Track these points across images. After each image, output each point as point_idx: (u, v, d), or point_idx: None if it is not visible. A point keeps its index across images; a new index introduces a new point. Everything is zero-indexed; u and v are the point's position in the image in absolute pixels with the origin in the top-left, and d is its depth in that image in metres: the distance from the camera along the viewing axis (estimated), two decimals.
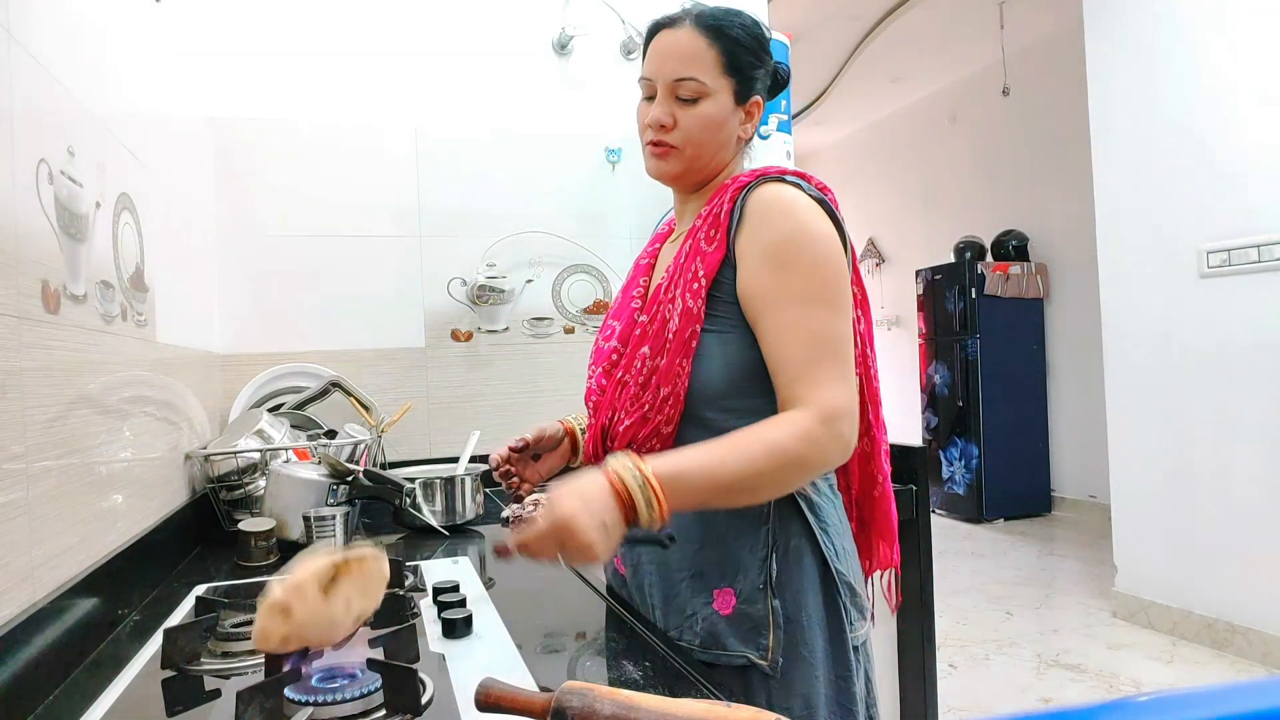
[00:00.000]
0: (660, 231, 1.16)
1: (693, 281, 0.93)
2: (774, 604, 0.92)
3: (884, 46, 5.36)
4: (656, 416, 0.93)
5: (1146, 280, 3.19)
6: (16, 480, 0.79)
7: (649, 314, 0.98)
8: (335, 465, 1.43)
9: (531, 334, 2.19)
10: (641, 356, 0.96)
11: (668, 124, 0.97)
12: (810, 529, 0.95)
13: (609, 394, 1.00)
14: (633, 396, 0.96)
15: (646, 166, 1.04)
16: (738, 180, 0.97)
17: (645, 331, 0.97)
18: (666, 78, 0.97)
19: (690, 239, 0.98)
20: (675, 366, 0.92)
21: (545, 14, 2.20)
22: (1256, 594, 2.86)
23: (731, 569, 0.93)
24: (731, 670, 0.91)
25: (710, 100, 0.97)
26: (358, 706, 0.66)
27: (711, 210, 0.97)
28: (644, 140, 1.01)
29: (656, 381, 0.93)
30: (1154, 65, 3.13)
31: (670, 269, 0.99)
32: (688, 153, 0.99)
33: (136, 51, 1.34)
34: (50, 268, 0.90)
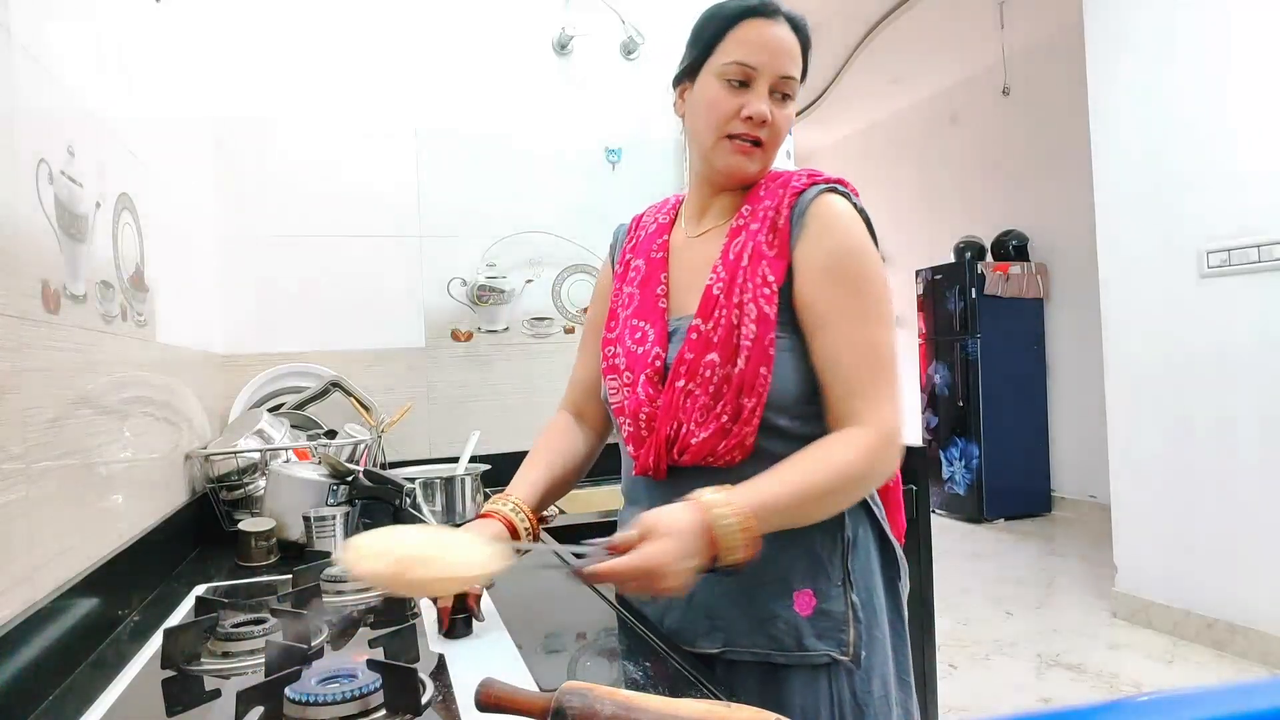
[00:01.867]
0: (662, 221, 1.09)
1: (763, 286, 0.91)
2: (853, 598, 0.93)
3: (884, 46, 5.36)
4: (743, 429, 0.90)
5: (1147, 280, 3.19)
6: (16, 480, 0.79)
7: (706, 318, 0.93)
8: (335, 465, 1.43)
9: (531, 334, 2.19)
10: (710, 364, 0.91)
11: (770, 119, 0.93)
12: (873, 513, 0.98)
13: (670, 405, 0.93)
14: (704, 407, 0.91)
15: (725, 162, 0.97)
16: (789, 184, 0.95)
17: (707, 337, 0.92)
18: (775, 72, 0.93)
19: (743, 240, 0.94)
20: (758, 375, 0.89)
21: (545, 14, 2.21)
22: (1257, 594, 2.86)
23: (812, 570, 0.93)
24: (810, 669, 0.91)
25: (793, 102, 0.97)
26: (358, 706, 0.66)
27: (766, 215, 0.94)
28: (722, 131, 0.95)
29: (734, 391, 0.90)
30: (1154, 65, 3.13)
31: (721, 270, 0.94)
32: (770, 153, 0.97)
33: (137, 51, 1.34)
34: (50, 268, 0.90)
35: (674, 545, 0.77)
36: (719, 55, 0.94)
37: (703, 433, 0.91)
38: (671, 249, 1.05)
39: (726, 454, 0.91)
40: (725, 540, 0.78)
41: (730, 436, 0.90)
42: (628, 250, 1.10)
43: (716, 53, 0.94)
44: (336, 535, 1.31)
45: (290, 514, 1.36)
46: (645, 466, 0.96)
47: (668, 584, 0.76)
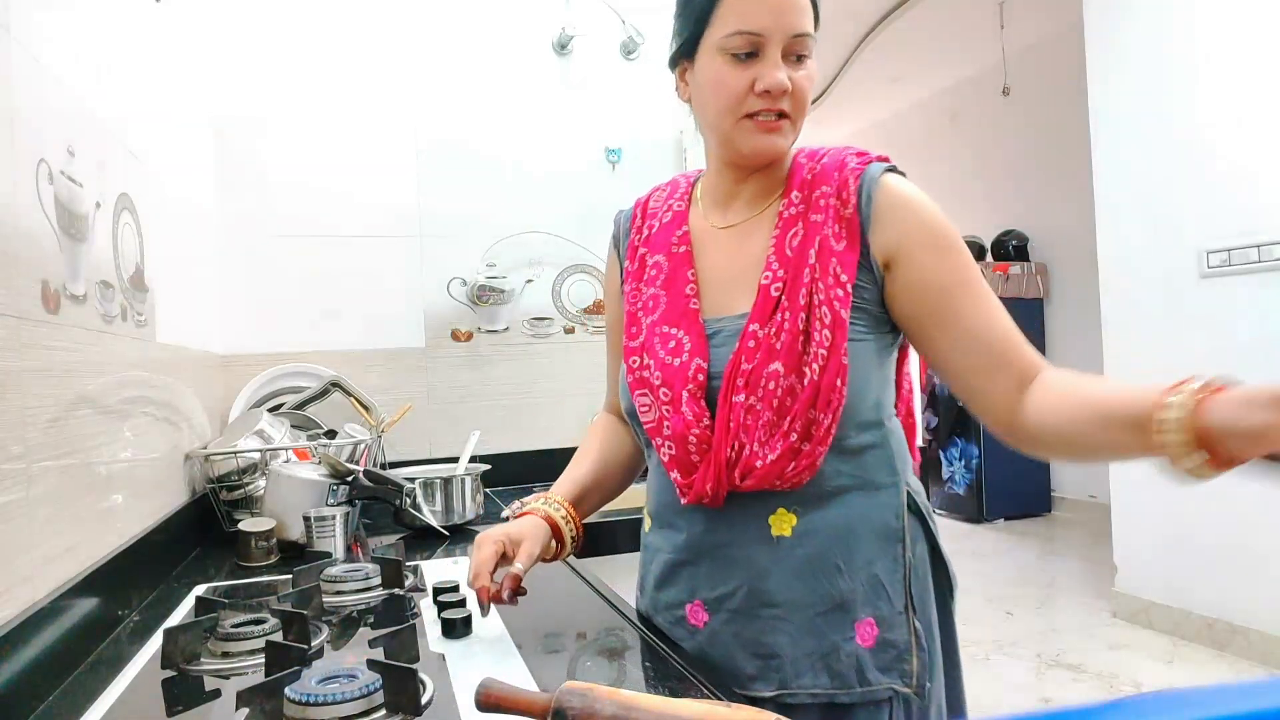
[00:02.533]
0: (678, 209, 0.96)
1: (836, 287, 0.81)
2: (915, 624, 0.84)
3: (884, 46, 5.36)
4: (816, 448, 0.80)
5: (1147, 280, 3.19)
6: (16, 480, 0.79)
7: (764, 322, 0.82)
8: (335, 465, 1.43)
9: (531, 334, 2.19)
10: (773, 375, 0.80)
11: (789, 88, 0.81)
12: (930, 532, 0.90)
13: (730, 423, 0.82)
14: (769, 424, 0.80)
15: (751, 145, 0.85)
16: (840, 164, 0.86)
17: (768, 344, 0.81)
18: (786, 33, 0.81)
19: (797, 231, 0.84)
20: (834, 387, 0.79)
21: (545, 14, 2.21)
22: (1257, 594, 2.86)
23: (873, 596, 0.83)
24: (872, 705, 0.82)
25: (813, 59, 0.85)
26: (358, 706, 0.65)
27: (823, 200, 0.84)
28: (740, 112, 0.83)
29: (804, 405, 0.79)
30: (1154, 65, 3.13)
31: (778, 267, 0.83)
32: (798, 124, 0.85)
33: (136, 51, 1.34)
34: (50, 268, 0.90)
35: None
36: (717, 26, 0.82)
37: (769, 454, 0.80)
38: (695, 241, 0.93)
39: (795, 476, 0.81)
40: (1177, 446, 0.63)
41: (801, 457, 0.80)
42: (638, 243, 0.98)
43: (713, 23, 0.82)
44: (336, 535, 1.31)
45: (290, 514, 1.36)
46: (700, 494, 0.84)
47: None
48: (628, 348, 0.92)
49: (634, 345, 0.92)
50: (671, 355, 0.87)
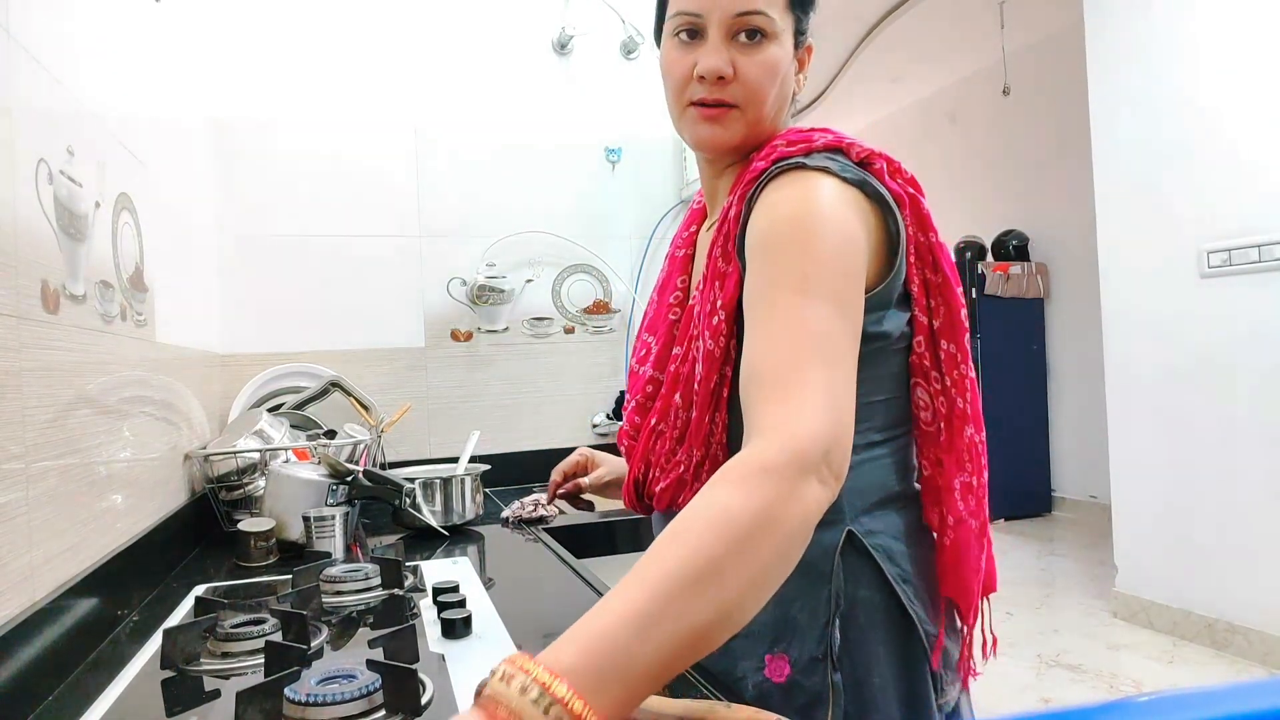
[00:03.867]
0: (695, 208, 0.92)
1: (711, 315, 0.73)
2: (834, 678, 0.73)
3: (884, 46, 5.36)
4: (695, 484, 0.76)
5: (1147, 280, 3.19)
6: (16, 480, 0.79)
7: (683, 345, 0.78)
8: (335, 465, 1.43)
9: (531, 334, 2.19)
10: (675, 406, 0.78)
11: (728, 74, 0.74)
12: (886, 580, 0.75)
13: (642, 441, 0.81)
14: (668, 452, 0.78)
15: (692, 135, 0.78)
16: (754, 165, 0.75)
17: (678, 373, 0.78)
18: (726, 10, 0.73)
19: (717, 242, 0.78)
20: (704, 424, 0.74)
21: (545, 14, 2.21)
22: (1257, 594, 2.86)
23: (787, 634, 0.74)
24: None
25: (775, 43, 0.75)
26: (358, 706, 0.65)
27: (726, 211, 0.76)
28: (686, 99, 0.77)
29: (689, 441, 0.76)
30: (1154, 65, 3.13)
31: (700, 287, 0.79)
32: (750, 113, 0.76)
33: (136, 51, 1.34)
34: (50, 268, 0.90)
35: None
36: (669, 7, 0.77)
37: (664, 480, 0.78)
38: (699, 244, 0.88)
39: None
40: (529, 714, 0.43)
41: (687, 489, 0.77)
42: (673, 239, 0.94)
43: (669, 4, 0.78)
44: (336, 535, 1.31)
45: (290, 514, 1.36)
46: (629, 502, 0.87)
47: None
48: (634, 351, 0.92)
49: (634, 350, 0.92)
50: (640, 363, 0.85)
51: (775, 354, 0.62)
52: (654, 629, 0.47)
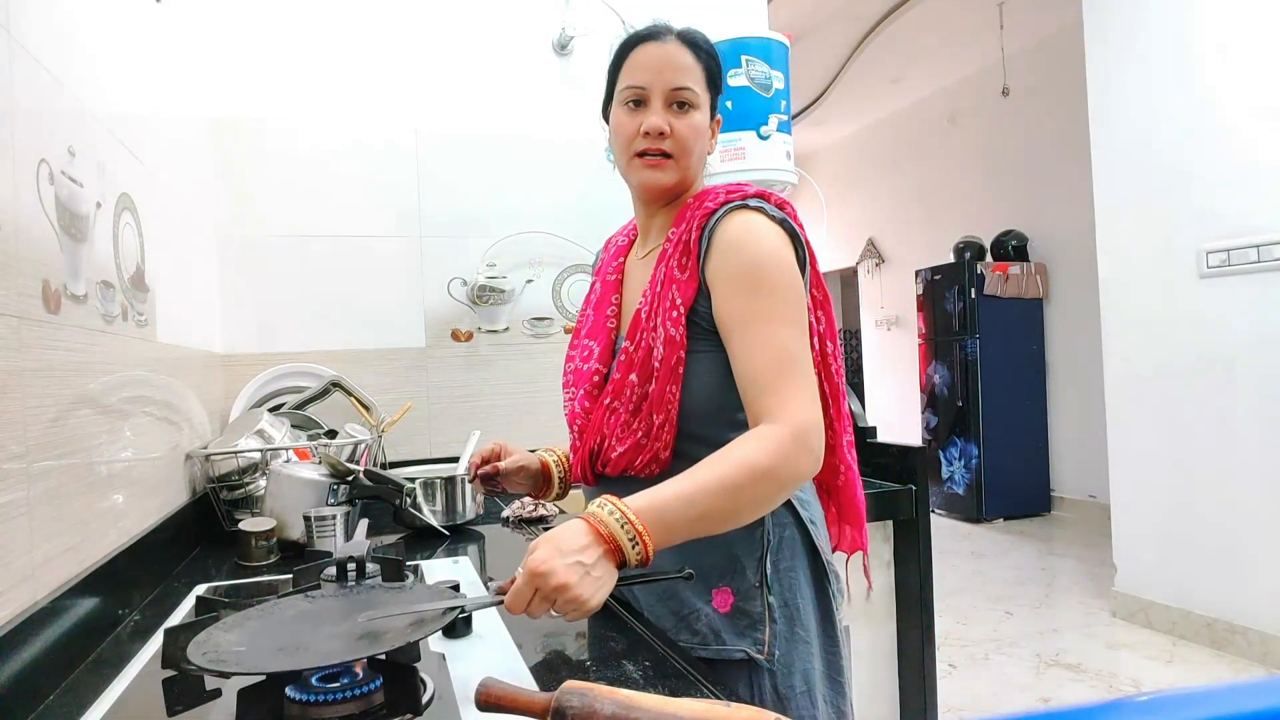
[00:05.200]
0: (620, 244, 1.16)
1: (671, 310, 0.96)
2: (769, 600, 0.98)
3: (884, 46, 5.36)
4: (654, 443, 0.97)
5: (1146, 280, 3.20)
6: (17, 480, 0.79)
7: (633, 340, 1.00)
8: (335, 465, 1.43)
9: (531, 334, 2.19)
10: (630, 384, 0.98)
11: (667, 131, 0.99)
12: (801, 521, 1.01)
13: (596, 419, 1.03)
14: (624, 423, 0.99)
15: (638, 179, 1.03)
16: (703, 205, 0.99)
17: (631, 359, 0.99)
18: (665, 85, 0.99)
19: (663, 264, 1.00)
20: (666, 393, 0.96)
21: (545, 14, 2.21)
22: (1256, 594, 2.86)
23: (728, 569, 0.98)
24: (732, 664, 0.96)
25: (699, 111, 1.01)
26: (358, 706, 0.66)
27: (681, 237, 0.99)
28: (632, 150, 1.01)
29: (649, 408, 0.97)
30: (1154, 65, 3.13)
31: (648, 294, 1.01)
32: (682, 162, 1.01)
33: (136, 51, 1.34)
34: (51, 268, 0.90)
35: (547, 548, 0.77)
36: (620, 83, 1.02)
37: (620, 447, 0.99)
38: (626, 271, 1.11)
39: (644, 467, 0.98)
40: (617, 536, 0.78)
41: (644, 451, 0.97)
42: (596, 271, 1.19)
43: (618, 82, 1.03)
44: (337, 535, 1.31)
45: (291, 514, 1.36)
46: (576, 475, 1.08)
47: (554, 584, 0.75)
48: (567, 356, 1.13)
49: (569, 354, 1.12)
50: (583, 362, 1.07)
51: (767, 367, 0.90)
52: (692, 508, 0.83)
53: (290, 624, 0.75)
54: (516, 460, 1.15)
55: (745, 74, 1.86)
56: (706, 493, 0.83)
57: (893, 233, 7.15)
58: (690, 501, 0.82)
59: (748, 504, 0.86)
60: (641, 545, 0.79)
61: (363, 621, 0.72)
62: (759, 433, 0.87)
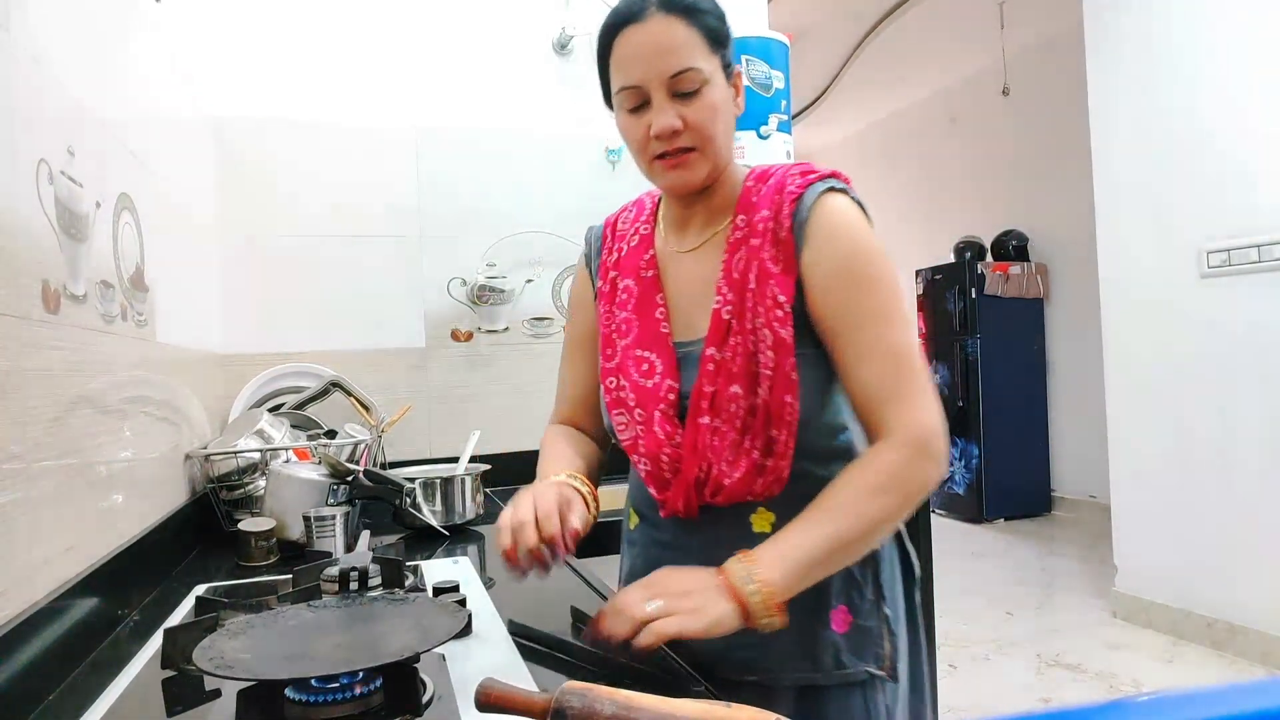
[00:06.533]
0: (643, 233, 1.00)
1: (775, 309, 0.85)
2: (886, 612, 0.92)
3: (884, 46, 5.36)
4: (778, 463, 0.86)
5: (1147, 280, 3.19)
6: (16, 480, 0.79)
7: (721, 347, 0.87)
8: (335, 465, 1.43)
9: (531, 334, 2.19)
10: (733, 398, 0.86)
11: (680, 127, 0.85)
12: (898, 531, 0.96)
13: (696, 443, 0.87)
14: (733, 444, 0.86)
15: (664, 183, 0.91)
16: (780, 187, 0.89)
17: (726, 368, 0.86)
18: (662, 76, 0.84)
19: (741, 256, 0.88)
20: (784, 404, 0.85)
21: (545, 14, 2.21)
22: (1257, 594, 2.86)
23: (844, 587, 0.91)
24: (847, 687, 0.90)
25: (710, 87, 0.86)
26: (358, 706, 0.66)
27: (762, 224, 0.88)
28: (648, 155, 0.88)
29: (761, 424, 0.85)
30: (1154, 65, 3.13)
31: (727, 291, 0.88)
32: (708, 150, 0.88)
33: (136, 51, 1.34)
34: (50, 268, 0.90)
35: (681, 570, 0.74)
36: (612, 81, 0.89)
37: (735, 472, 0.86)
38: (661, 265, 0.97)
39: (764, 489, 0.87)
40: (757, 611, 0.73)
41: (766, 473, 0.86)
42: (609, 264, 1.02)
43: (611, 78, 0.89)
44: (337, 535, 1.31)
45: (290, 514, 1.36)
46: (674, 509, 0.91)
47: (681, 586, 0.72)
48: (604, 369, 0.97)
49: (610, 367, 0.96)
50: (644, 377, 0.92)
51: (885, 373, 0.83)
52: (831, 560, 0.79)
53: (294, 632, 0.75)
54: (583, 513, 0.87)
55: (745, 74, 1.87)
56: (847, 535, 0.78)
57: (893, 232, 7.13)
58: (831, 549, 0.77)
59: (883, 532, 0.82)
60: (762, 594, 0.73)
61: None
62: (887, 451, 0.81)
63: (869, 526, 0.79)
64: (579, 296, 1.10)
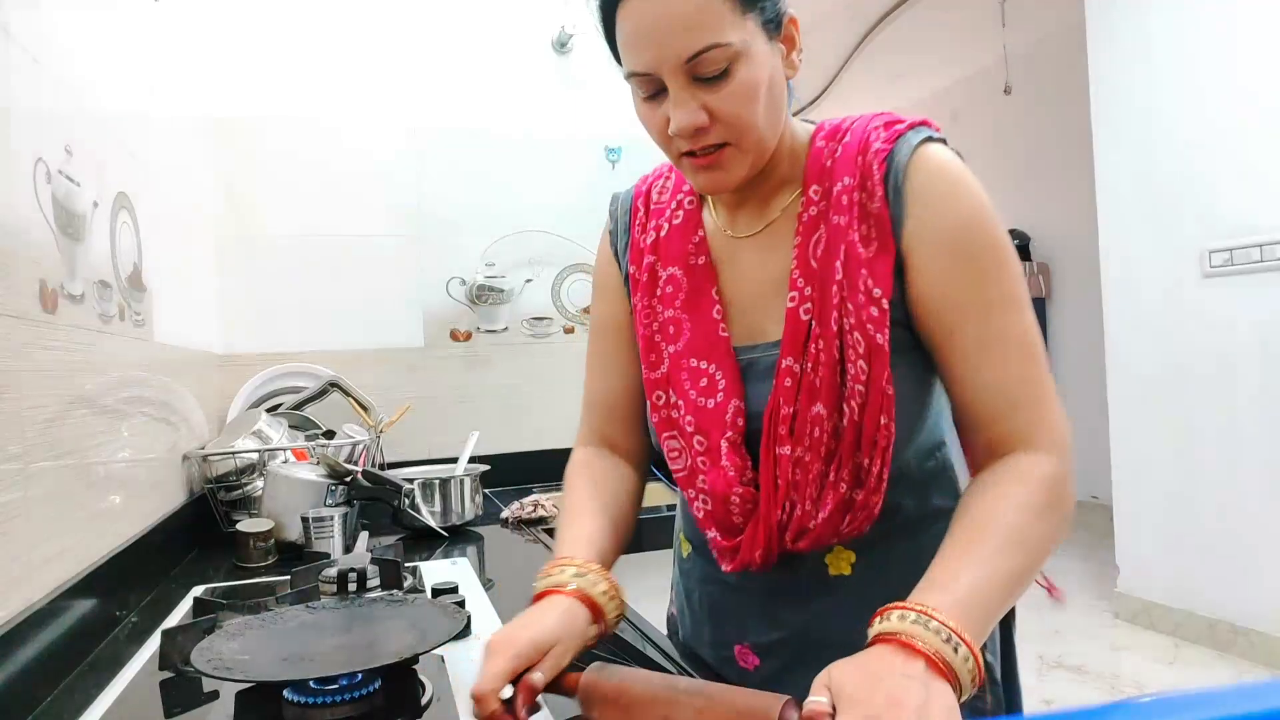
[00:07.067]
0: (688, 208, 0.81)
1: (869, 305, 0.67)
2: (986, 657, 0.72)
3: (884, 45, 5.36)
4: (870, 498, 0.69)
5: (1149, 280, 3.19)
6: (14, 481, 0.79)
7: (798, 355, 0.70)
8: (334, 466, 1.43)
9: (531, 334, 2.19)
10: (817, 419, 0.69)
11: (704, 123, 0.67)
12: None
13: (778, 481, 0.71)
14: (819, 476, 0.69)
15: (696, 184, 0.74)
16: (864, 145, 0.71)
17: (808, 382, 0.69)
18: (678, 59, 0.65)
19: (819, 236, 0.71)
20: (878, 427, 0.68)
21: (545, 13, 2.20)
22: (1259, 595, 2.86)
23: None
24: None
25: (743, 62, 0.66)
26: (357, 709, 0.65)
27: (846, 195, 0.70)
28: (675, 152, 0.72)
29: (849, 450, 0.69)
30: (1156, 64, 3.12)
31: (804, 283, 0.71)
32: (746, 143, 0.69)
33: (136, 51, 1.34)
34: (48, 267, 0.90)
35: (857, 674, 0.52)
36: (624, 61, 0.70)
37: (821, 512, 0.70)
38: (714, 251, 0.79)
39: (852, 529, 0.71)
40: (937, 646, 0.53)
41: (856, 509, 0.70)
42: (644, 246, 0.82)
43: (622, 58, 0.71)
44: (335, 536, 1.30)
45: (288, 515, 1.36)
46: (747, 562, 0.73)
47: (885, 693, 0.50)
48: (649, 380, 0.79)
49: (656, 377, 0.78)
50: (703, 395, 0.74)
51: (1018, 371, 0.68)
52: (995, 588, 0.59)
53: (293, 634, 0.74)
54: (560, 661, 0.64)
55: None
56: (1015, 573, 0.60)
57: None
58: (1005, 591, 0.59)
59: (1044, 559, 0.64)
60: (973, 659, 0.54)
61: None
62: (1040, 464, 0.65)
63: (1040, 556, 0.63)
64: (603, 282, 0.89)
